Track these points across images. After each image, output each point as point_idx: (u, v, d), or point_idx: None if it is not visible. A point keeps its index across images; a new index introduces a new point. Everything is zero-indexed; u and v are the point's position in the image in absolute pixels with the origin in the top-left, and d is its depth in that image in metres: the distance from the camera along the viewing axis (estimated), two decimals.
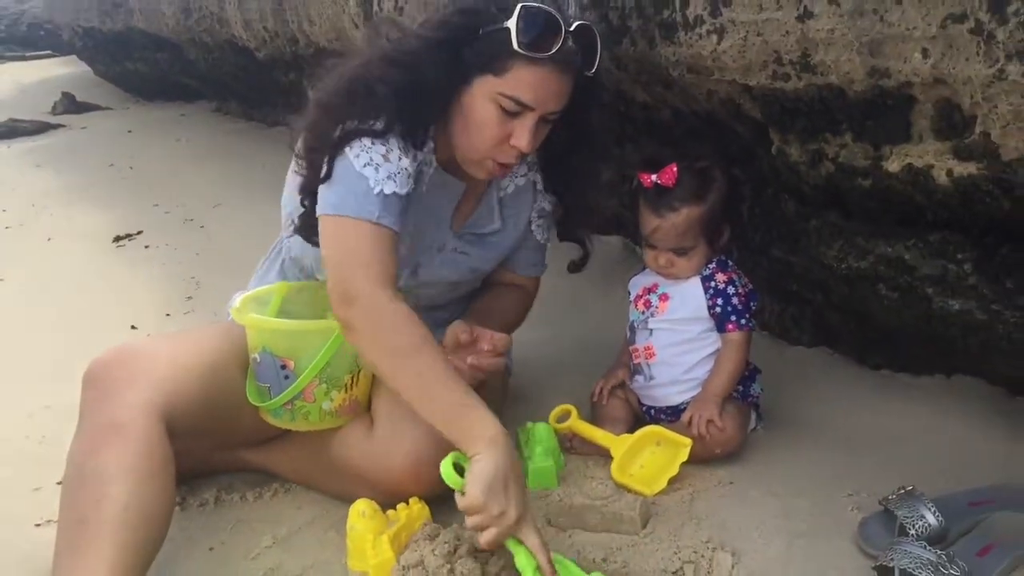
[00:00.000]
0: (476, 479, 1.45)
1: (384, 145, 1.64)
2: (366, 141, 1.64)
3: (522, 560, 1.46)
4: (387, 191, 1.62)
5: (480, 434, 1.49)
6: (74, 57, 9.05)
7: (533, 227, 1.96)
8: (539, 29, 1.56)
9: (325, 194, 1.65)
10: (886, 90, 1.47)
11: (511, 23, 1.56)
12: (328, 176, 1.64)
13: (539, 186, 1.93)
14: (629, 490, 1.77)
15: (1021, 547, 1.49)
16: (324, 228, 1.65)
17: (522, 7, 1.56)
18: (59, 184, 5.21)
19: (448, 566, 1.48)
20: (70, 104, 7.64)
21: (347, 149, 1.63)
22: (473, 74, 1.62)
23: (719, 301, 1.91)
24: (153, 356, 1.67)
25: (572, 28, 1.60)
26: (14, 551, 1.82)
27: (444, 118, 1.71)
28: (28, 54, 11.57)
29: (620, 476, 1.79)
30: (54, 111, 7.55)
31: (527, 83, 1.59)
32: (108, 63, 7.87)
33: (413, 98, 1.63)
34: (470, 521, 1.46)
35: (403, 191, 1.65)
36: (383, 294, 1.58)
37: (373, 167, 1.62)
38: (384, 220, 1.61)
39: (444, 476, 1.48)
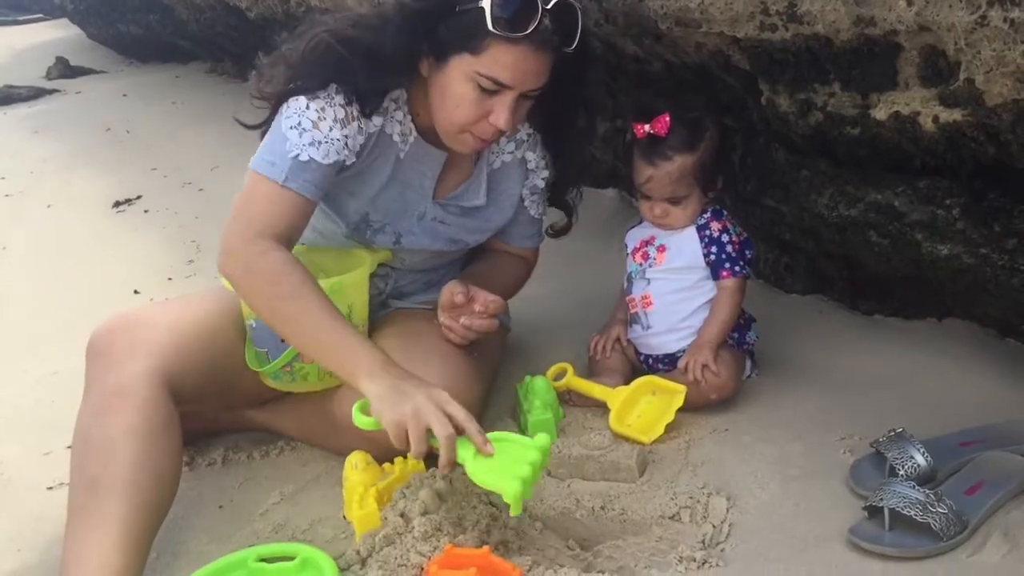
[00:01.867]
0: (378, 412, 1.49)
1: (319, 112, 1.65)
2: (302, 101, 1.65)
3: (459, 451, 1.46)
4: (303, 157, 1.63)
5: (358, 370, 1.53)
6: (66, 20, 8.95)
7: (527, 203, 1.97)
8: (514, 8, 1.54)
9: (260, 147, 1.69)
10: (872, 38, 1.48)
11: (485, 2, 1.54)
12: (266, 126, 1.68)
13: (531, 164, 1.94)
14: (627, 439, 1.80)
15: (1009, 484, 1.53)
16: (246, 179, 1.69)
17: None
18: (57, 150, 5.20)
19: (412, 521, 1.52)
20: (64, 68, 7.58)
21: (284, 106, 1.66)
22: (449, 51, 1.62)
23: (713, 249, 1.93)
24: (153, 324, 1.70)
25: (550, 5, 1.57)
26: (27, 514, 1.87)
27: (422, 88, 1.72)
28: (20, 18, 11.44)
29: (618, 427, 1.83)
30: (49, 76, 7.49)
31: (504, 63, 1.59)
32: (100, 25, 7.79)
33: (370, 63, 1.64)
34: (413, 450, 1.47)
35: (327, 160, 1.66)
36: (255, 247, 1.60)
37: (298, 131, 1.64)
38: (291, 184, 1.63)
39: (357, 423, 1.53)
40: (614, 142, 2.59)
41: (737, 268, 1.93)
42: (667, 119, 1.86)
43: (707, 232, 1.94)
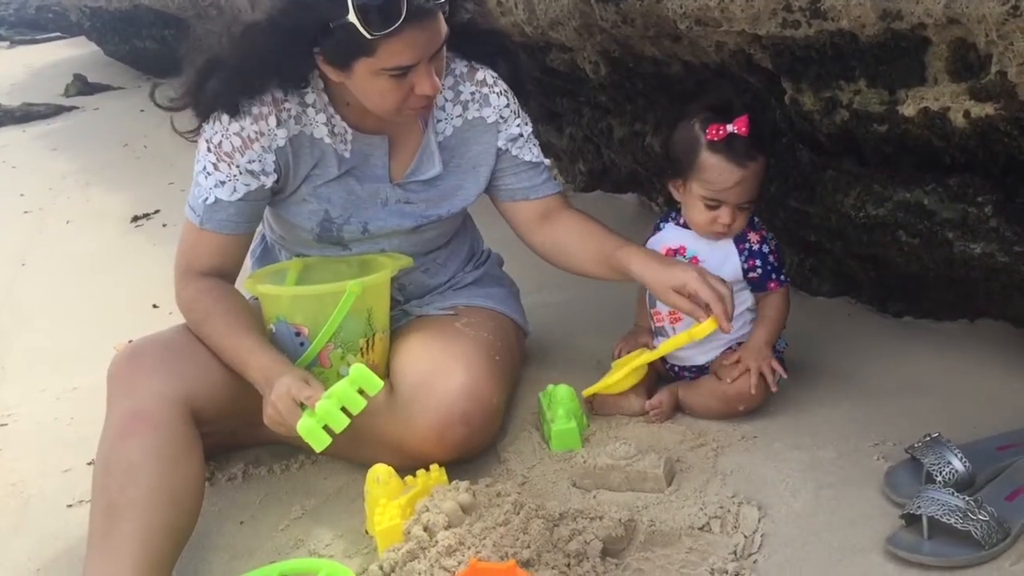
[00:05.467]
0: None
1: (216, 150, 1.74)
2: (203, 145, 1.77)
3: (329, 403, 1.55)
4: (210, 200, 1.77)
5: (258, 385, 1.67)
6: (83, 38, 9.03)
7: (514, 152, 1.91)
8: (378, 8, 1.53)
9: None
10: (899, 33, 1.43)
11: (351, 16, 1.53)
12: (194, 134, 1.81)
13: (491, 119, 1.89)
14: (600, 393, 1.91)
15: None
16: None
17: None
18: (75, 166, 5.23)
19: (434, 535, 1.50)
20: (82, 85, 7.64)
21: (199, 144, 1.78)
22: (348, 60, 1.62)
23: (757, 263, 1.87)
24: (171, 347, 1.75)
25: None
26: (46, 532, 1.86)
27: (340, 88, 1.74)
28: (38, 37, 11.55)
29: (588, 391, 1.91)
30: (67, 93, 7.55)
31: (399, 51, 1.59)
32: (117, 42, 7.84)
33: (243, 84, 1.71)
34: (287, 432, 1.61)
35: (234, 196, 1.77)
36: (181, 283, 1.81)
37: (204, 175, 1.77)
38: (207, 225, 1.79)
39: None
40: (632, 146, 2.55)
41: (782, 278, 1.89)
42: (747, 118, 1.78)
43: (746, 245, 1.88)
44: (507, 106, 1.90)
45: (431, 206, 1.90)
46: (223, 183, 1.75)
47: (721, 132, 1.78)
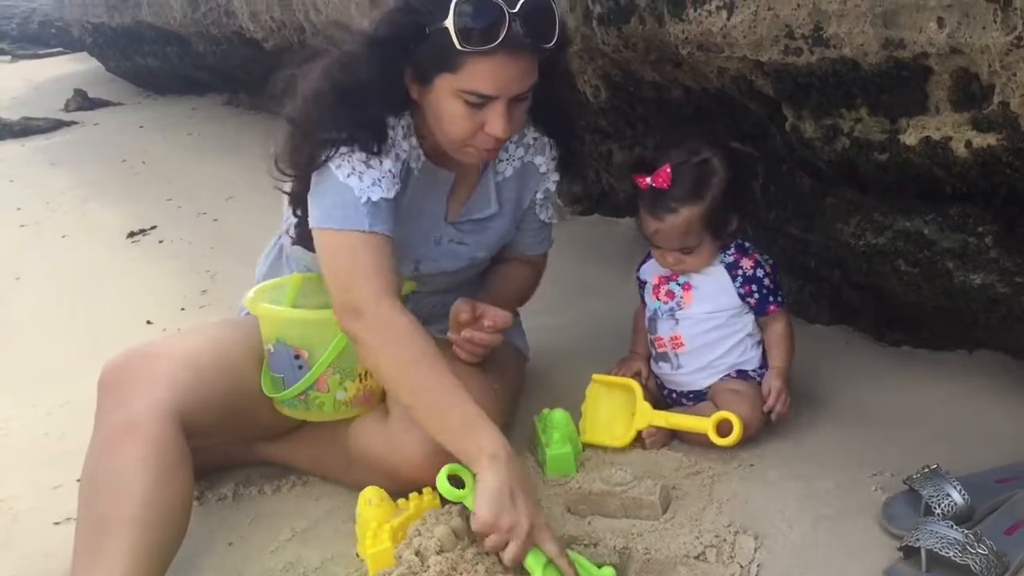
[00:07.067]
0: (482, 497, 1.46)
1: (363, 151, 1.64)
2: (343, 150, 1.64)
3: (530, 560, 1.45)
4: (374, 198, 1.63)
5: (483, 450, 1.50)
6: (85, 54, 9.07)
7: (537, 208, 1.94)
8: (477, 23, 1.51)
9: (314, 207, 1.67)
10: (901, 62, 1.44)
11: (448, 22, 1.51)
12: (314, 188, 1.66)
13: (541, 168, 1.90)
14: (602, 447, 1.88)
15: None
16: (319, 242, 1.67)
17: (456, 3, 1.51)
18: (73, 181, 5.23)
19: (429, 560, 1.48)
20: (82, 101, 7.67)
21: (328, 161, 1.64)
22: (431, 73, 1.60)
23: (753, 288, 1.87)
24: (165, 356, 1.69)
25: (517, 8, 1.51)
26: (34, 550, 1.83)
27: (421, 112, 1.70)
28: (40, 52, 11.60)
29: (586, 437, 1.90)
30: (67, 108, 7.58)
31: (483, 76, 1.56)
32: (118, 59, 7.89)
33: (364, 102, 1.63)
34: (487, 542, 1.45)
35: (390, 195, 1.66)
36: (388, 306, 1.60)
37: (357, 175, 1.64)
38: (376, 228, 1.63)
39: (440, 489, 1.50)
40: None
41: (780, 299, 1.89)
42: (668, 171, 1.79)
43: (740, 271, 1.88)
44: (554, 159, 1.91)
45: (479, 247, 1.88)
46: (379, 181, 1.64)
47: (642, 184, 1.83)
